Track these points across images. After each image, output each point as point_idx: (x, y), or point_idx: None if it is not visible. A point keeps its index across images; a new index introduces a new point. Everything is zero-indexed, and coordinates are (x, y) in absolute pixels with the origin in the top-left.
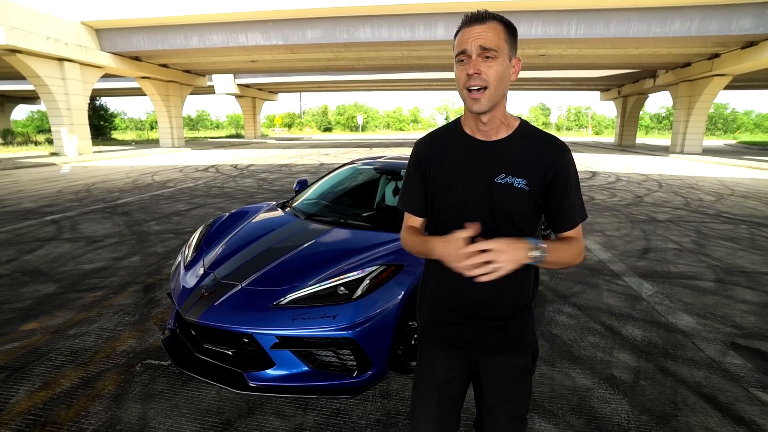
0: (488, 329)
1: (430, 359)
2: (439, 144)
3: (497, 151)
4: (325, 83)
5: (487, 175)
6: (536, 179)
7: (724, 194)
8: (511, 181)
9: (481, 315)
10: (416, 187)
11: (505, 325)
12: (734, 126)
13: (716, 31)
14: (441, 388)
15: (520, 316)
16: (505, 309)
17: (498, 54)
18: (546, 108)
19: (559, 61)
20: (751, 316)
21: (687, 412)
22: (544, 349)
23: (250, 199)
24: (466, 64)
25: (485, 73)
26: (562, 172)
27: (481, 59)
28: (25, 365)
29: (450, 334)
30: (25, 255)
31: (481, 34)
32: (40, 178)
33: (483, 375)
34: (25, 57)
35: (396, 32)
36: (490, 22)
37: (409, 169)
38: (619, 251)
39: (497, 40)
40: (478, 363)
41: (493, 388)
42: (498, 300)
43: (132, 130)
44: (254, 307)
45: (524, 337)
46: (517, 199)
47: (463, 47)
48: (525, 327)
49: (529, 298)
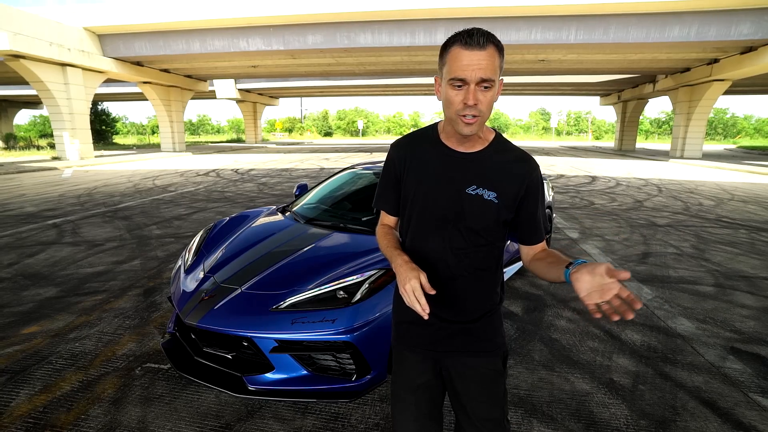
0: (454, 332)
1: (404, 361)
2: (414, 149)
3: (471, 163)
4: (326, 88)
5: (458, 185)
6: (507, 193)
7: (723, 199)
8: (481, 193)
9: (448, 319)
10: (391, 188)
11: (470, 328)
12: (734, 131)
13: (715, 37)
14: (416, 390)
15: (485, 318)
16: (472, 313)
17: (494, 83)
18: (546, 113)
19: (559, 66)
20: (750, 320)
21: (686, 417)
22: (543, 354)
23: (250, 203)
24: (462, 90)
25: (481, 102)
26: (533, 188)
27: (479, 89)
28: (25, 368)
29: (418, 335)
30: (26, 258)
31: (481, 63)
32: (42, 182)
33: (454, 378)
34: (28, 62)
35: (396, 38)
36: (489, 48)
37: (384, 169)
38: (619, 256)
39: (494, 68)
40: (447, 365)
41: (466, 390)
42: (463, 304)
43: (133, 134)
44: (254, 311)
45: (492, 339)
46: (486, 211)
47: (463, 75)
48: (492, 329)
49: (496, 302)
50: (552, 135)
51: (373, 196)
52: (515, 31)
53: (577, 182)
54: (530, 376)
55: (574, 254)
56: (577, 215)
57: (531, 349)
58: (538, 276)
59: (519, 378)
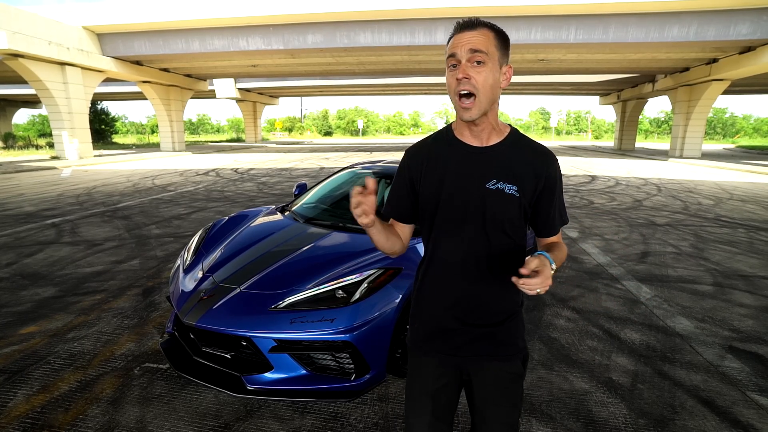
0: (478, 336)
1: (421, 367)
2: (430, 151)
3: (489, 157)
4: (326, 87)
5: (479, 180)
6: (527, 186)
7: (722, 198)
8: (502, 187)
9: (472, 323)
10: (404, 195)
11: (495, 332)
12: (733, 130)
13: (714, 37)
14: (434, 395)
15: (509, 321)
16: (496, 315)
17: (487, 58)
18: (546, 112)
19: (559, 65)
20: (749, 319)
21: (684, 415)
22: (542, 353)
23: (250, 202)
24: (456, 69)
25: (474, 78)
26: (551, 181)
27: (470, 64)
28: (23, 368)
29: (440, 342)
30: (25, 258)
31: (471, 39)
32: (41, 181)
33: (474, 382)
34: (27, 61)
35: (396, 37)
36: (481, 28)
37: (398, 177)
38: (618, 255)
39: (487, 44)
40: (468, 370)
41: (485, 394)
42: (491, 307)
43: (133, 134)
44: (252, 311)
45: (514, 343)
46: (508, 205)
47: (453, 51)
48: (515, 332)
49: (519, 304)
50: (552, 134)
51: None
52: (515, 31)
53: (577, 181)
54: (529, 375)
55: (572, 253)
56: (577, 214)
57: (530, 348)
58: None
59: None
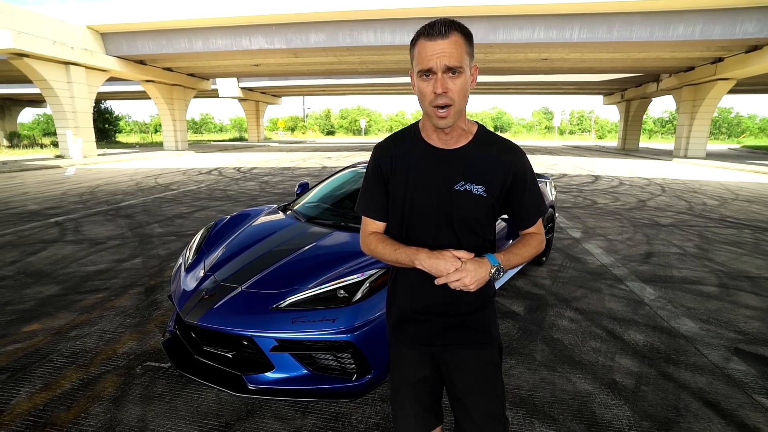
0: (450, 325)
1: (402, 358)
2: (398, 150)
3: (457, 159)
4: (328, 87)
5: (446, 183)
6: (495, 184)
7: (728, 198)
8: (470, 188)
9: (443, 312)
10: (378, 192)
11: (466, 320)
12: (738, 130)
13: (719, 35)
14: (416, 385)
15: (480, 311)
16: (466, 306)
17: (462, 69)
18: (549, 112)
19: (562, 65)
20: (755, 321)
21: (689, 418)
22: (545, 354)
23: (252, 201)
24: (431, 80)
25: (451, 90)
26: (519, 176)
27: (446, 76)
28: (26, 366)
29: (415, 331)
30: (28, 257)
31: (444, 51)
32: (44, 180)
33: (452, 371)
34: (31, 61)
35: (399, 36)
36: (453, 35)
37: (368, 174)
38: (622, 255)
39: (460, 55)
40: (446, 359)
41: (463, 383)
42: (462, 299)
43: (136, 133)
44: (254, 310)
45: (487, 331)
46: (476, 206)
47: (428, 65)
48: (486, 321)
49: (490, 295)
50: (555, 134)
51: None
52: (518, 30)
53: (580, 181)
54: (532, 376)
55: (575, 254)
56: (580, 215)
57: (533, 349)
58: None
59: (520, 378)
